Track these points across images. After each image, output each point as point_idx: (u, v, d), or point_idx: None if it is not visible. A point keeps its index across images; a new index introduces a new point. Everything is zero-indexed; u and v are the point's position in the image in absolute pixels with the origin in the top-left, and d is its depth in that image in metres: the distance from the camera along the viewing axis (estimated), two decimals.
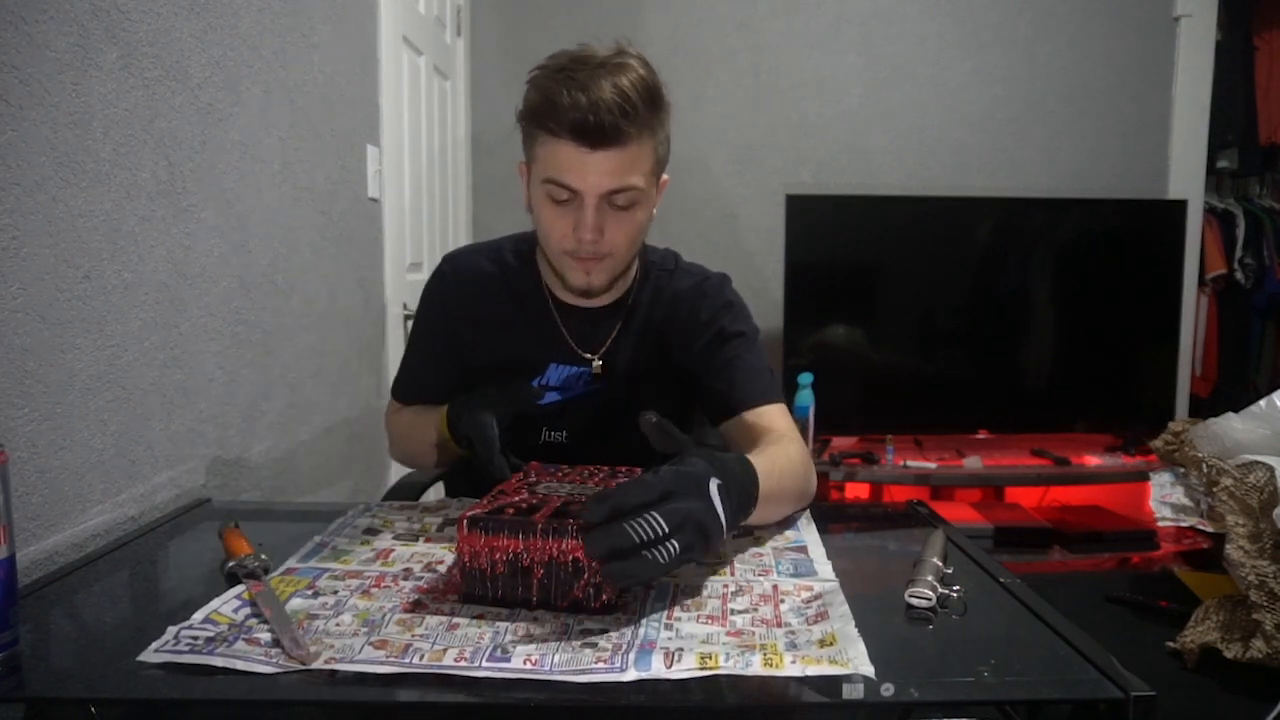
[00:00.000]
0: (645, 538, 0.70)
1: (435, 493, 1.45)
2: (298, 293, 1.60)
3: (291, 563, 0.89)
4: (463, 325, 1.21)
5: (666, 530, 0.70)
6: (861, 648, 0.68)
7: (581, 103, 0.97)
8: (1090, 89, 2.97)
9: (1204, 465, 1.26)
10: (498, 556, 0.76)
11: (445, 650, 0.68)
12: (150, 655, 0.66)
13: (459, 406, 1.10)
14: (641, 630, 0.72)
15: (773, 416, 1.13)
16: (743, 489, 0.83)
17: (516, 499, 0.83)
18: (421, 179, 2.38)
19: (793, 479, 1.00)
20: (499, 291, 1.20)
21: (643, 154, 1.03)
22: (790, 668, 0.65)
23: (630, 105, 0.98)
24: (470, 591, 0.78)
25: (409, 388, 1.28)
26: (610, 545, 0.70)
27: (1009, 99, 2.97)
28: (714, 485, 0.76)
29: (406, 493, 1.37)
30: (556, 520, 0.76)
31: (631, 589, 0.79)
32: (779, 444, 1.03)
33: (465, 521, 0.77)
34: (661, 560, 0.71)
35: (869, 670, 0.64)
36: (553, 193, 1.04)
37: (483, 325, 1.20)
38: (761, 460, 0.89)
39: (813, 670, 0.65)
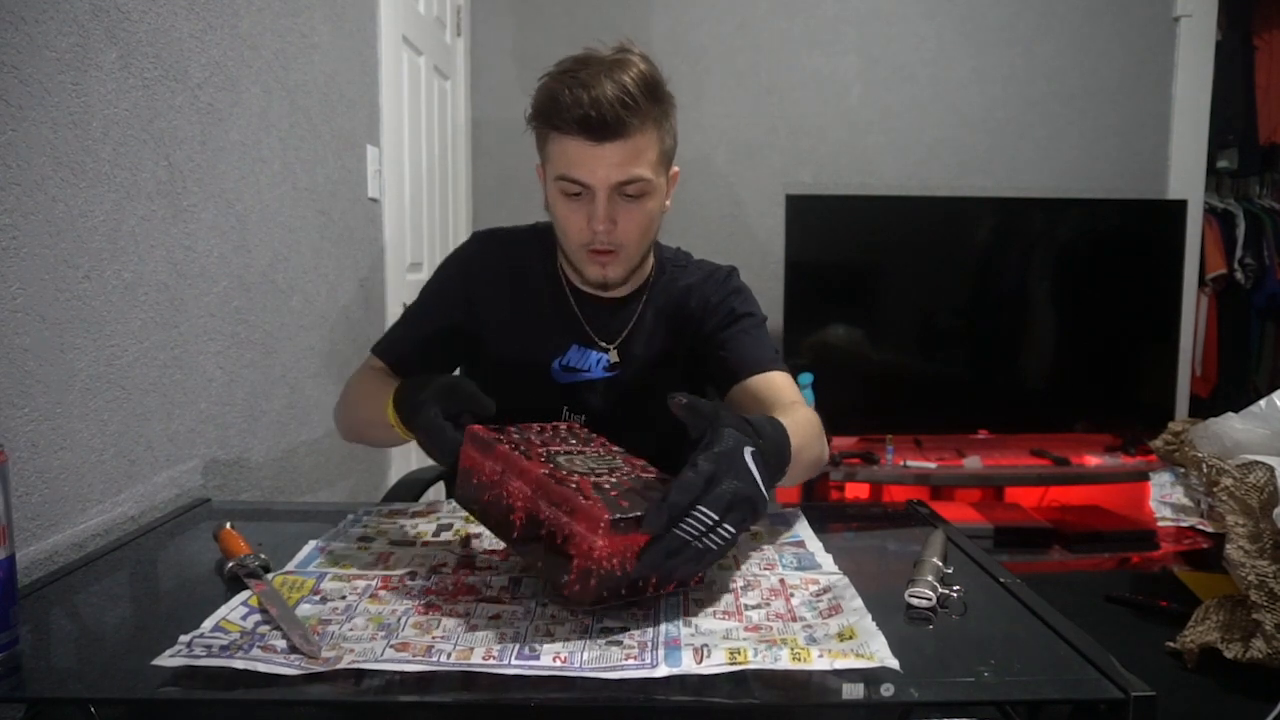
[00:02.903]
0: (697, 533, 0.72)
1: (436, 492, 1.45)
2: (298, 293, 1.60)
3: (290, 566, 0.89)
4: (483, 305, 1.23)
5: (716, 519, 0.72)
6: (883, 640, 0.69)
7: (584, 99, 1.01)
8: (1090, 89, 2.97)
9: (1204, 465, 1.26)
10: (630, 555, 0.74)
11: (471, 650, 0.68)
12: (165, 660, 0.66)
13: (408, 395, 0.99)
14: (662, 628, 0.73)
15: (778, 382, 1.16)
16: (777, 450, 0.83)
17: (579, 480, 0.80)
18: (421, 179, 2.38)
19: (810, 443, 1.02)
20: (523, 276, 1.24)
21: (648, 145, 1.07)
22: (818, 661, 0.66)
23: (630, 98, 1.02)
24: (600, 595, 0.74)
25: (396, 349, 1.24)
26: (666, 551, 0.72)
27: (1009, 99, 2.97)
28: (748, 454, 0.76)
29: (407, 492, 1.37)
30: None
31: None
32: (790, 409, 1.06)
33: (609, 524, 0.72)
34: (715, 547, 0.72)
35: (894, 664, 0.65)
36: (565, 188, 1.08)
37: (505, 308, 1.22)
38: (785, 422, 0.90)
39: (841, 664, 0.66)
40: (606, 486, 0.79)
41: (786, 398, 1.14)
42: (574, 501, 0.74)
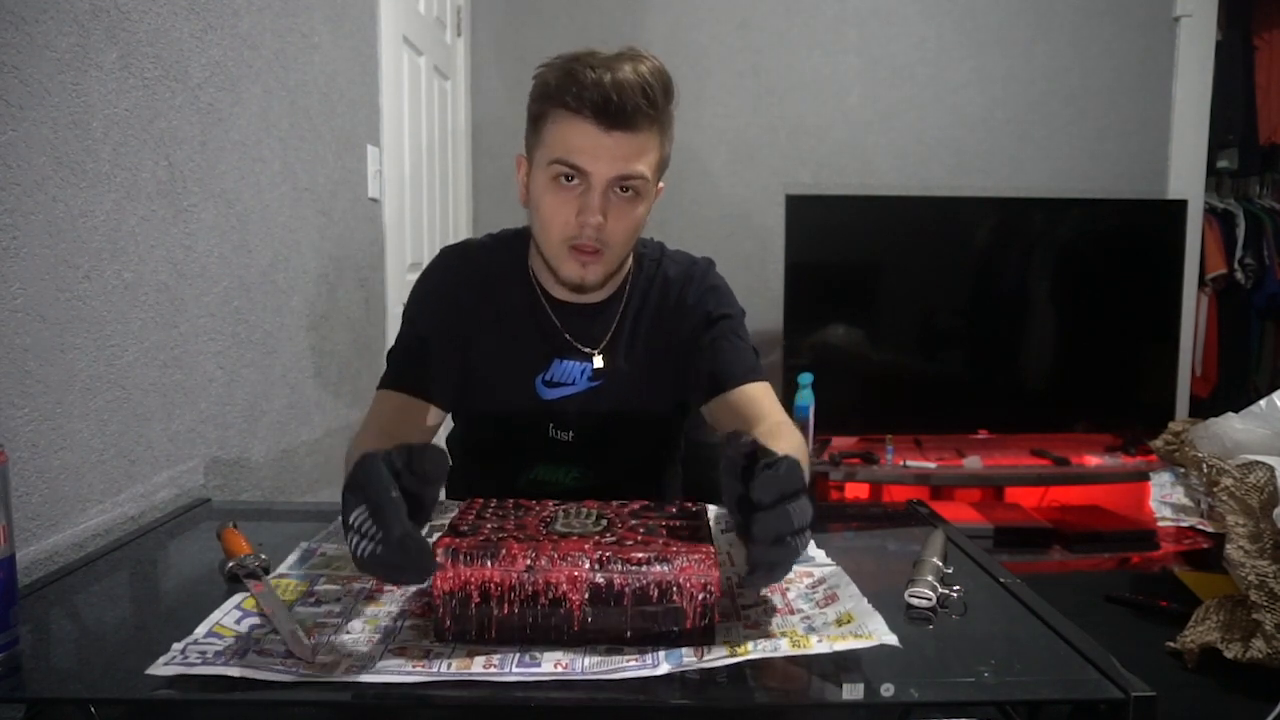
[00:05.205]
0: (800, 524, 0.68)
1: None
2: (298, 293, 1.60)
3: (282, 569, 0.88)
4: (465, 321, 1.16)
5: (810, 518, 0.68)
6: (880, 620, 0.68)
7: (605, 80, 0.98)
8: (1090, 89, 2.97)
9: (1204, 465, 1.26)
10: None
11: (472, 658, 0.67)
12: (159, 669, 0.65)
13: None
14: None
15: (758, 395, 1.13)
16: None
17: (625, 534, 0.75)
18: (421, 179, 2.37)
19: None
20: (497, 288, 1.18)
21: (652, 144, 1.04)
22: (818, 646, 0.66)
23: (650, 88, 1.00)
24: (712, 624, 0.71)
25: (410, 373, 1.13)
26: (778, 530, 0.67)
27: (1009, 99, 2.97)
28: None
29: None
30: None
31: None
32: (784, 438, 1.02)
33: (715, 554, 0.71)
34: (800, 549, 0.68)
35: (893, 640, 0.65)
36: (560, 174, 1.03)
37: (485, 323, 1.17)
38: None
39: (840, 646, 0.66)
40: (644, 530, 0.76)
41: (769, 414, 1.10)
42: (665, 551, 0.71)
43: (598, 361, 1.17)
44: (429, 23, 2.45)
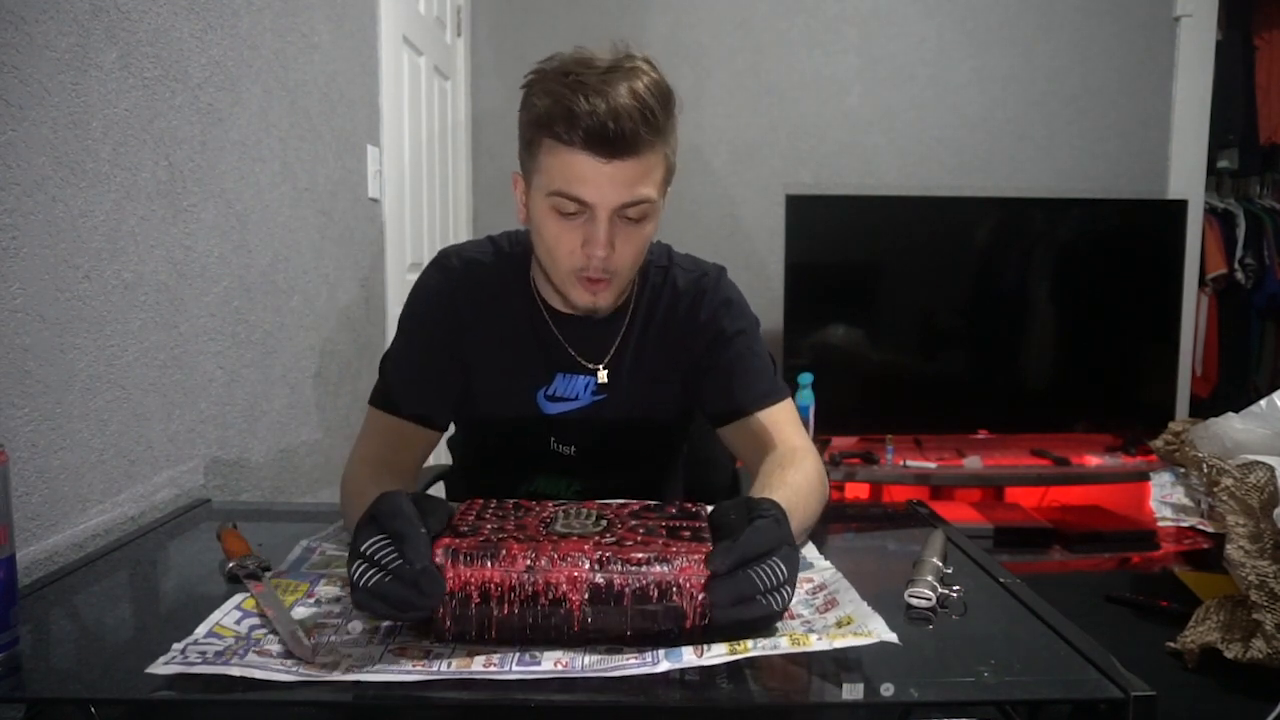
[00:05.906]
0: (768, 584, 0.69)
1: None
2: (298, 293, 1.60)
3: (282, 569, 0.88)
4: (465, 334, 1.11)
5: (785, 576, 0.70)
6: (880, 620, 0.69)
7: (600, 109, 0.90)
8: (1090, 89, 2.97)
9: (1204, 465, 1.26)
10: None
11: (472, 657, 0.67)
12: (160, 668, 0.65)
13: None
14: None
15: (775, 419, 1.08)
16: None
17: (624, 534, 0.75)
18: (421, 179, 2.38)
19: (811, 510, 0.98)
20: (497, 300, 1.12)
21: (656, 163, 0.98)
22: (817, 643, 0.66)
23: (650, 111, 0.92)
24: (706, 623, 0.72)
25: (402, 395, 1.08)
26: (738, 592, 0.69)
27: (1009, 99, 2.97)
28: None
29: None
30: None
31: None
32: (795, 465, 0.99)
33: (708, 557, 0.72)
34: (776, 607, 0.70)
35: (893, 637, 0.65)
36: (560, 206, 0.97)
37: (485, 336, 1.11)
38: (787, 493, 0.89)
39: (840, 643, 0.66)
40: (644, 530, 0.76)
41: (785, 440, 1.06)
42: (665, 551, 0.71)
43: (601, 376, 1.12)
44: (429, 23, 2.45)
